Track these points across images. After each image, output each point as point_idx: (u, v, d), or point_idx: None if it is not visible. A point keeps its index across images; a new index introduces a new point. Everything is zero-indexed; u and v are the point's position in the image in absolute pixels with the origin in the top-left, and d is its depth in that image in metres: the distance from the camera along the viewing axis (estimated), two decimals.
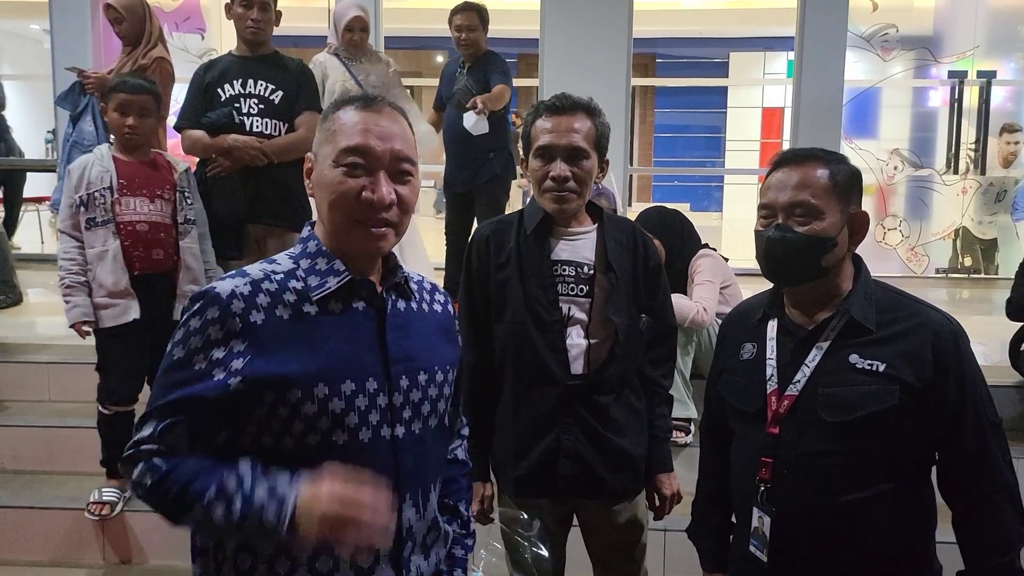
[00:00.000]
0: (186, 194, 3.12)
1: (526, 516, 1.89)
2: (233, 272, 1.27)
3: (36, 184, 7.79)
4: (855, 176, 1.57)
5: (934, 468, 1.59)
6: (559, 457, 1.96)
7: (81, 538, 3.20)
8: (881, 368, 1.49)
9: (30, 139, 9.43)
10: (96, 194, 2.96)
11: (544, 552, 1.82)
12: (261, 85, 3.37)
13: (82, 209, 2.98)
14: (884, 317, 1.54)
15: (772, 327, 1.64)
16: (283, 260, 1.30)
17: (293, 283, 1.26)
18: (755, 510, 1.59)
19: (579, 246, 1.99)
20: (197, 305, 1.22)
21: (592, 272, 1.97)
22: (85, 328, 3.00)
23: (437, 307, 1.44)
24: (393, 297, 1.34)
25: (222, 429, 1.21)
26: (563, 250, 1.98)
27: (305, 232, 1.34)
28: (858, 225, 1.57)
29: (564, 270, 1.96)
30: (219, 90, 3.35)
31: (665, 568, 3.02)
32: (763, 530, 1.57)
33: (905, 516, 1.53)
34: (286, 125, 3.40)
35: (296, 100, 3.41)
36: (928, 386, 1.48)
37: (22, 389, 3.83)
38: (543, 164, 1.93)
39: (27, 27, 10.47)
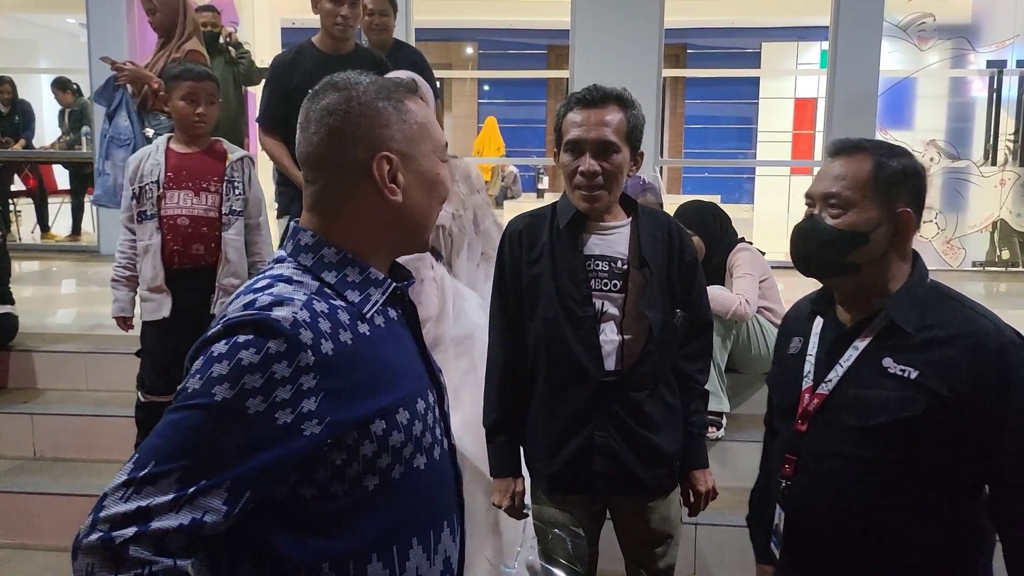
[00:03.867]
0: (235, 183, 3.05)
1: (560, 513, 1.89)
2: (268, 300, 1.03)
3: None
4: (908, 173, 1.48)
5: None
6: (593, 454, 1.95)
7: None
8: (912, 375, 1.42)
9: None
10: (147, 187, 2.97)
11: (583, 542, 1.80)
12: None
13: (134, 202, 2.99)
14: (927, 321, 1.45)
15: (819, 323, 1.61)
16: (300, 276, 1.09)
17: (334, 301, 1.08)
18: (777, 507, 1.58)
19: (613, 240, 1.97)
20: (250, 335, 0.99)
21: (626, 267, 1.95)
22: (129, 322, 3.08)
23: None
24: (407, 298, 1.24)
25: (268, 487, 1.00)
26: (596, 244, 1.96)
27: (307, 239, 1.12)
28: (902, 225, 1.47)
29: (597, 265, 1.94)
30: (309, 91, 3.31)
31: (696, 563, 3.01)
32: (780, 527, 1.56)
33: (940, 535, 1.45)
34: None
35: None
36: (962, 399, 1.39)
37: (61, 378, 3.91)
38: (573, 159, 1.91)
39: (64, 21, 10.62)
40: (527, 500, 2.10)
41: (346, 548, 1.06)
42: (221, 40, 4.77)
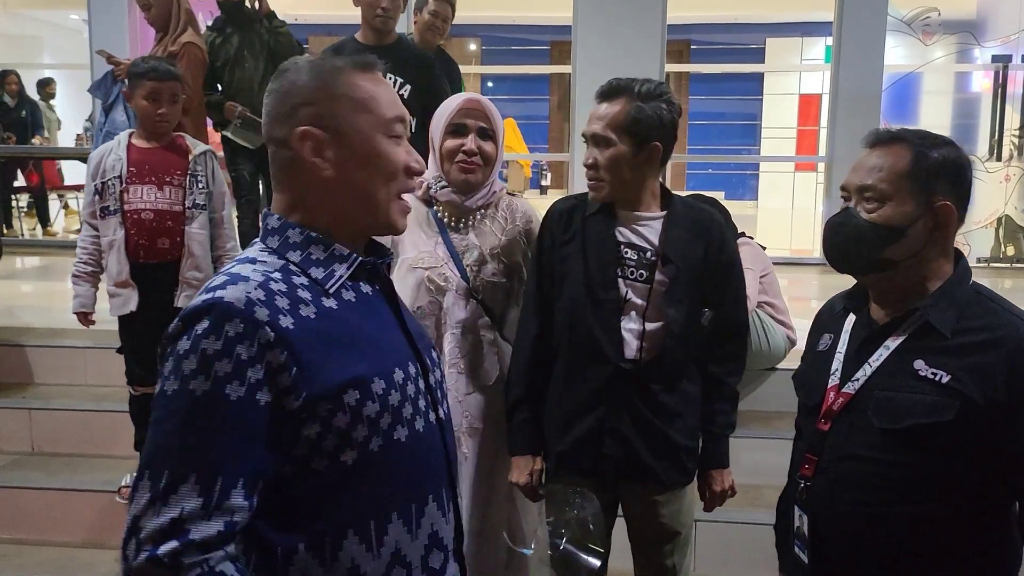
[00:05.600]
0: (198, 178, 3.04)
1: (577, 490, 1.86)
2: (226, 278, 1.06)
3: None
4: (949, 164, 1.40)
5: None
6: (603, 437, 1.95)
7: (114, 521, 3.23)
8: (945, 379, 1.35)
9: (71, 128, 9.60)
10: (109, 183, 2.97)
11: (599, 515, 1.78)
12: (390, 79, 3.27)
13: (97, 198, 2.98)
14: (965, 324, 1.38)
15: (850, 320, 1.55)
16: (266, 257, 1.12)
17: (297, 279, 1.10)
18: (796, 508, 1.52)
19: (644, 231, 1.97)
20: (207, 322, 1.00)
21: (654, 259, 1.95)
22: (89, 318, 3.08)
23: None
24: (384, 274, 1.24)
25: (270, 468, 1.02)
26: (628, 233, 1.97)
27: (273, 222, 1.15)
28: (942, 219, 1.39)
29: (626, 253, 1.95)
30: None
31: (696, 560, 2.98)
32: (803, 530, 1.50)
33: (965, 549, 1.40)
34: (414, 121, 3.32)
35: (425, 98, 3.28)
36: (997, 407, 1.32)
37: (59, 373, 3.90)
38: (587, 151, 1.96)
39: (67, 17, 10.62)
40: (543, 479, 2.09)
41: (324, 525, 1.06)
42: (248, 4, 4.28)
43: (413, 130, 3.21)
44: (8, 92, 8.18)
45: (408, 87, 3.29)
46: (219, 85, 4.24)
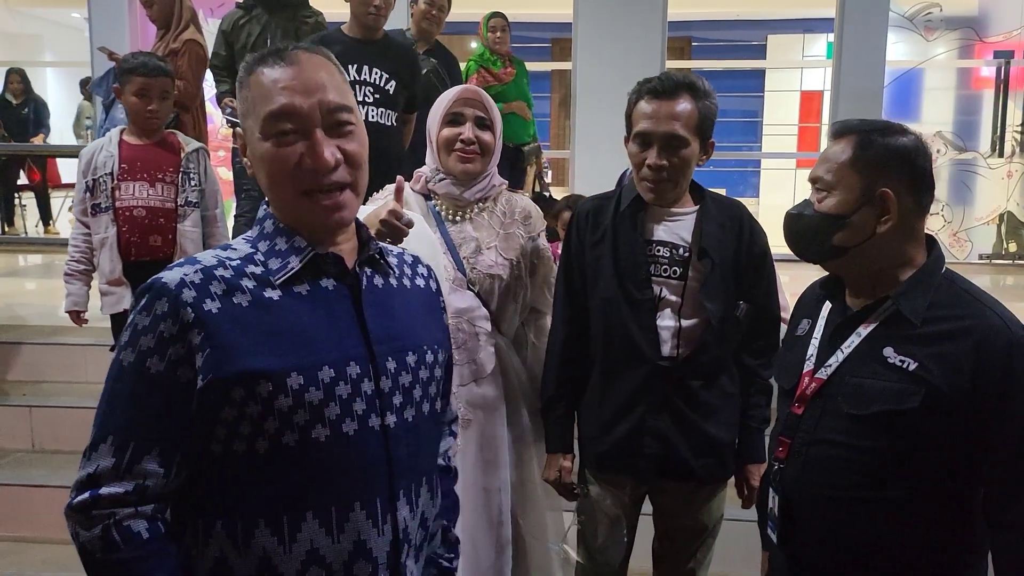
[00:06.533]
0: (191, 175, 3.02)
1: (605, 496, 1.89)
2: (181, 260, 1.12)
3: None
4: (893, 153, 1.42)
5: None
6: (643, 436, 1.95)
7: None
8: (912, 367, 1.37)
9: (71, 126, 9.60)
10: (100, 180, 2.93)
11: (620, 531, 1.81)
12: (376, 73, 3.24)
13: (88, 195, 2.95)
14: (935, 313, 1.40)
15: (827, 306, 1.58)
16: (240, 244, 1.16)
17: (251, 268, 1.12)
18: (770, 489, 1.56)
19: (676, 227, 1.96)
20: (144, 300, 1.07)
21: (687, 255, 1.94)
22: (82, 316, 3.06)
23: (420, 282, 1.31)
24: (368, 272, 1.20)
25: (193, 443, 1.06)
26: (660, 230, 1.96)
27: (261, 212, 1.19)
28: (885, 206, 1.41)
29: (659, 250, 1.94)
30: None
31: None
32: (775, 510, 1.54)
33: (931, 533, 1.42)
34: (395, 115, 3.30)
35: (410, 92, 3.29)
36: (962, 396, 1.34)
37: (60, 371, 3.90)
38: (640, 150, 1.90)
39: (68, 15, 10.62)
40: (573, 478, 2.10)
41: (239, 510, 1.08)
42: None
43: (392, 121, 3.20)
44: (11, 90, 8.17)
45: (393, 82, 3.27)
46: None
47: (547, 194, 4.18)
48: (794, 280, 2.07)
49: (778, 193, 11.16)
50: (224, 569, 1.08)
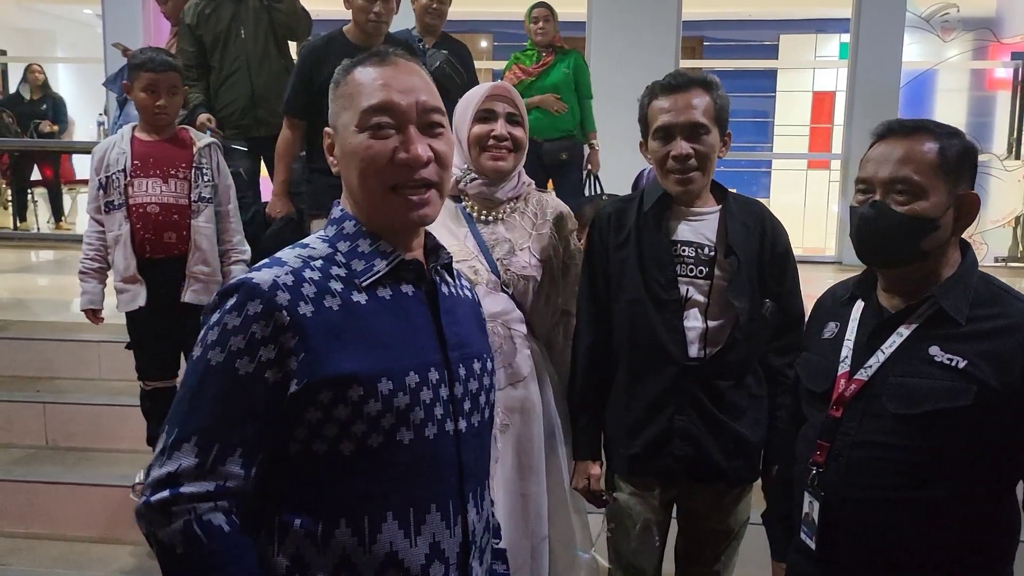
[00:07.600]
0: (203, 171, 3.00)
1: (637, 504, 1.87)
2: (266, 261, 1.13)
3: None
4: (968, 152, 1.43)
5: None
6: (673, 438, 1.94)
7: (128, 516, 3.19)
8: (961, 365, 1.37)
9: (83, 121, 9.63)
10: (113, 176, 2.92)
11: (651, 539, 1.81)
12: None
13: (101, 193, 2.94)
14: (978, 311, 1.41)
15: (858, 308, 1.56)
16: (317, 244, 1.18)
17: (335, 269, 1.13)
18: (806, 495, 1.53)
19: (700, 227, 1.95)
20: (233, 299, 1.07)
21: (713, 254, 1.94)
22: (98, 315, 3.05)
23: (467, 292, 1.34)
24: (438, 279, 1.24)
25: (274, 444, 1.07)
26: (684, 230, 1.95)
27: (336, 212, 1.21)
28: (966, 208, 1.43)
29: (684, 251, 1.93)
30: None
31: None
32: (812, 516, 1.51)
33: (974, 528, 1.41)
34: None
35: None
36: (1013, 393, 1.35)
37: (75, 367, 3.91)
38: (663, 144, 1.90)
39: (80, 12, 10.66)
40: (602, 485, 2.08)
41: (320, 509, 1.09)
42: None
43: None
44: (32, 83, 8.18)
45: None
46: (211, 65, 3.81)
47: (604, 196, 4.04)
48: (805, 283, 2.05)
49: (789, 193, 11.11)
50: (301, 567, 1.09)
